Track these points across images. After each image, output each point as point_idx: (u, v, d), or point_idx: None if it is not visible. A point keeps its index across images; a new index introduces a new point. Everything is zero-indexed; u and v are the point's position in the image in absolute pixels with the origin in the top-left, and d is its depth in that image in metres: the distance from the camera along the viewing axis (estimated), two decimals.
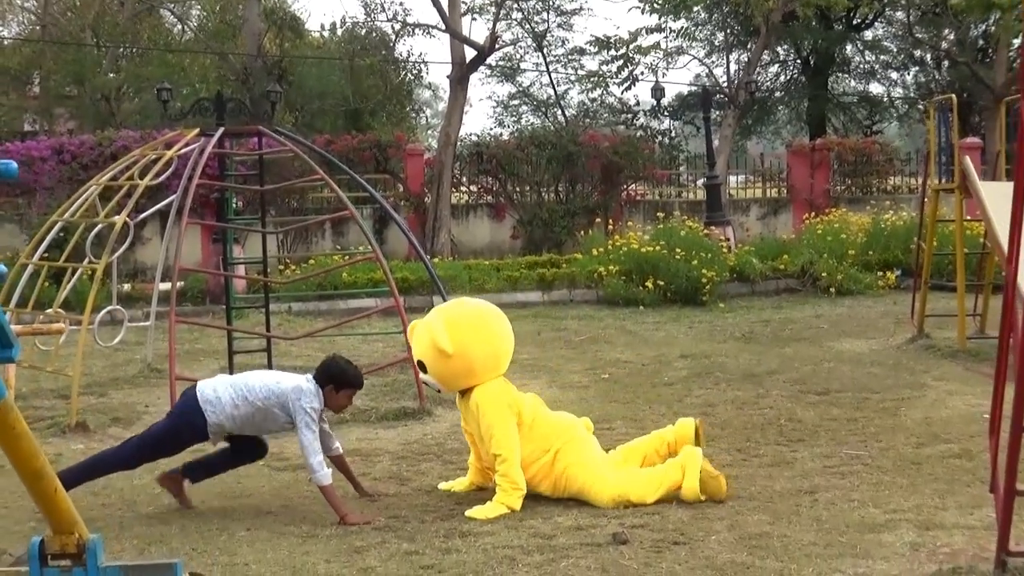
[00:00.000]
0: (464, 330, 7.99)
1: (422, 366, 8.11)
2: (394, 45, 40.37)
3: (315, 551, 6.95)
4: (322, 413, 7.90)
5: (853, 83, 44.58)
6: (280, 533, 7.35)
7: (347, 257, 19.47)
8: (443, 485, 8.43)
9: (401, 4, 57.95)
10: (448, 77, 27.55)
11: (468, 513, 7.61)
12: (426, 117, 57.42)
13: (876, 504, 7.62)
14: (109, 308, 12.57)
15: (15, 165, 3.48)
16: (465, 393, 8.08)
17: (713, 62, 41.16)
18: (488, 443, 7.84)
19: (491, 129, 40.80)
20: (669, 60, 41.04)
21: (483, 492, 8.12)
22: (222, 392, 7.86)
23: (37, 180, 23.70)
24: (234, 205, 21.57)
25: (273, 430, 7.99)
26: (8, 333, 3.57)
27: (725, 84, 35.34)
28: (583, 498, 7.84)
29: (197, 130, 12.00)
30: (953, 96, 14.16)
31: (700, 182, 30.85)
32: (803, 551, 6.67)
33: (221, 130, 11.73)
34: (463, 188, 29.07)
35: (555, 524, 7.37)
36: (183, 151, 11.91)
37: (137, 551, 7.03)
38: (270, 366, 12.47)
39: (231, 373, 12.30)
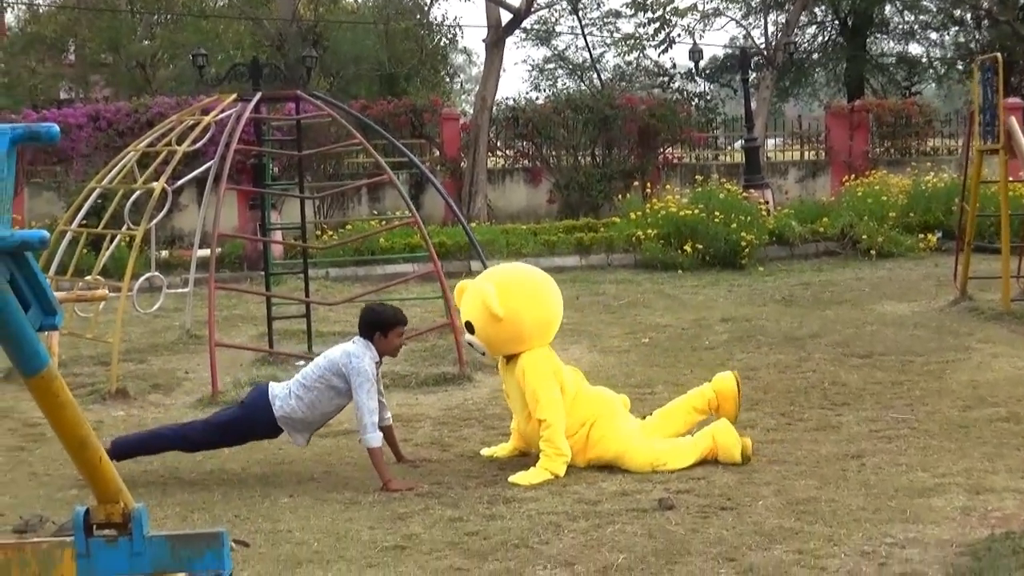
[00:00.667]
0: (516, 295, 7.92)
1: (469, 327, 8.01)
2: (429, 9, 40.23)
3: (358, 518, 6.91)
4: (379, 371, 7.85)
5: (892, 44, 44.07)
6: (323, 500, 7.31)
7: (384, 223, 19.41)
8: (485, 451, 8.38)
9: None
10: (483, 41, 27.42)
11: (511, 479, 7.55)
12: (461, 82, 57.16)
13: (924, 468, 7.52)
14: (148, 275, 12.55)
15: (57, 128, 3.41)
16: (510, 359, 8.00)
17: (750, 23, 40.86)
18: (533, 409, 7.76)
19: (527, 93, 40.57)
20: (706, 22, 40.76)
21: (526, 458, 8.05)
22: (289, 387, 7.84)
23: (74, 147, 23.72)
24: (270, 171, 21.64)
25: (345, 404, 7.91)
26: (52, 300, 3.50)
27: (763, 46, 35.04)
28: (617, 465, 7.76)
29: (234, 95, 11.92)
30: (999, 55, 13.93)
31: (738, 144, 30.62)
32: (852, 516, 6.58)
33: (258, 95, 11.67)
34: (499, 153, 28.95)
35: (600, 490, 7.30)
36: (220, 117, 11.85)
37: (180, 519, 7.00)
38: (309, 332, 12.47)
39: (270, 338, 12.31)
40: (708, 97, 38.11)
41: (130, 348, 12.94)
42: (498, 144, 28.54)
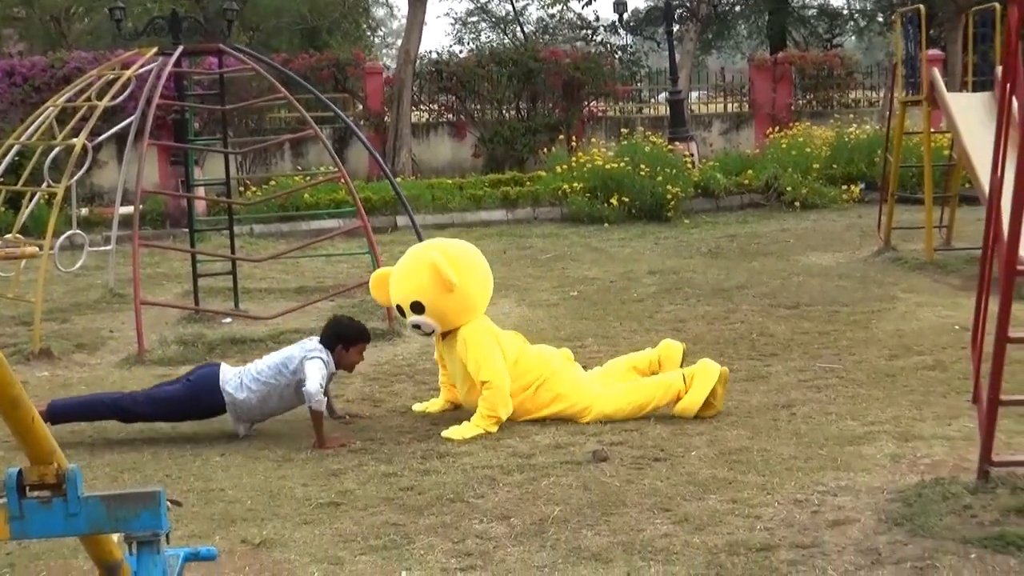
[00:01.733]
0: (462, 265, 7.90)
1: (418, 307, 7.81)
2: None
3: (291, 475, 6.86)
4: (331, 377, 7.78)
5: None
6: (254, 458, 7.25)
7: (309, 178, 19.23)
8: (417, 407, 8.34)
9: None
10: None
11: (444, 434, 7.53)
12: (383, 35, 56.76)
13: (854, 417, 7.60)
14: (69, 233, 12.35)
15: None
16: (447, 335, 7.95)
17: None
18: (476, 375, 7.71)
19: (450, 47, 40.34)
20: None
21: (458, 412, 8.05)
22: (242, 375, 7.73)
23: None
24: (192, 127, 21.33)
25: (293, 406, 7.83)
26: None
27: None
28: (569, 418, 7.77)
29: (155, 49, 11.71)
30: (921, 7, 14.02)
31: (662, 97, 30.67)
32: (784, 465, 6.64)
33: (180, 49, 11.45)
34: (423, 107, 28.73)
35: (533, 443, 7.30)
36: (141, 71, 11.64)
37: (110, 479, 6.92)
38: (236, 289, 12.34)
39: (196, 296, 12.17)
40: (632, 50, 38.10)
41: (52, 307, 12.71)
42: (422, 98, 28.32)
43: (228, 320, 11.64)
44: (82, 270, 13.57)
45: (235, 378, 7.71)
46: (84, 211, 19.52)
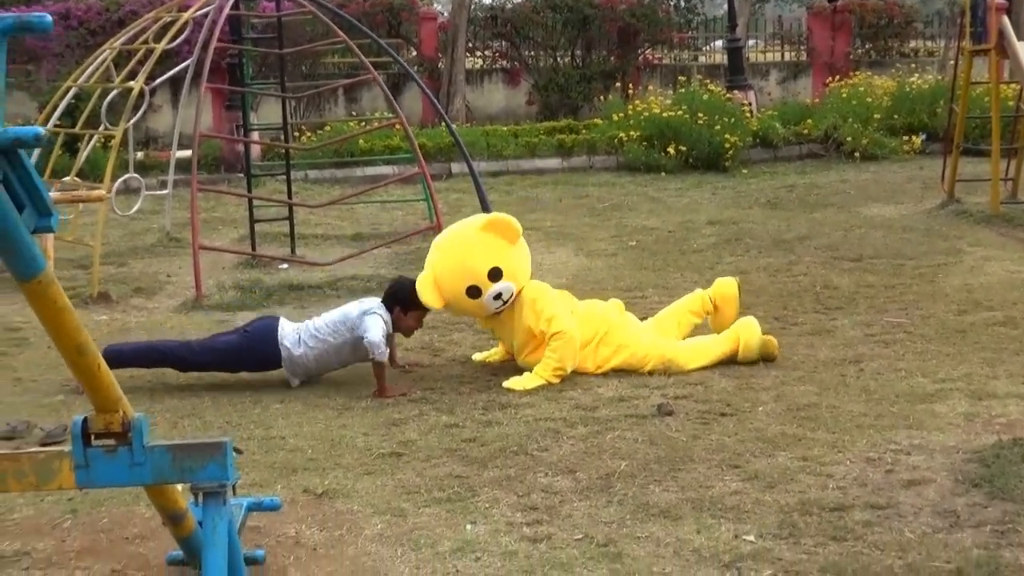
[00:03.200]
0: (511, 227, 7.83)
1: (495, 273, 7.61)
2: None
3: (352, 424, 6.79)
4: (388, 337, 7.66)
5: None
6: (315, 405, 7.19)
7: (363, 124, 19.10)
8: (477, 356, 8.24)
9: None
10: None
11: (506, 384, 7.43)
12: None
13: (924, 374, 7.43)
14: (125, 177, 12.32)
15: (50, 18, 3.19)
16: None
17: None
18: (548, 329, 7.54)
19: None
20: None
21: (517, 363, 7.93)
22: (293, 329, 7.67)
23: (45, 46, 23.20)
24: (249, 71, 21.22)
25: (349, 363, 7.76)
26: (47, 200, 3.31)
27: None
28: (630, 368, 7.65)
29: None
30: None
31: (718, 45, 30.26)
32: (854, 422, 6.49)
33: None
34: (477, 53, 28.50)
35: (596, 396, 7.19)
36: (197, 14, 11.53)
37: (170, 425, 6.87)
38: (292, 235, 12.27)
39: (252, 241, 12.12)
40: None
41: (110, 251, 12.68)
42: (476, 44, 28.10)
43: (285, 266, 11.58)
44: (139, 214, 13.55)
45: (293, 333, 7.64)
46: (140, 155, 19.52)
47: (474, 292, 7.63)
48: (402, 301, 7.67)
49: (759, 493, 5.45)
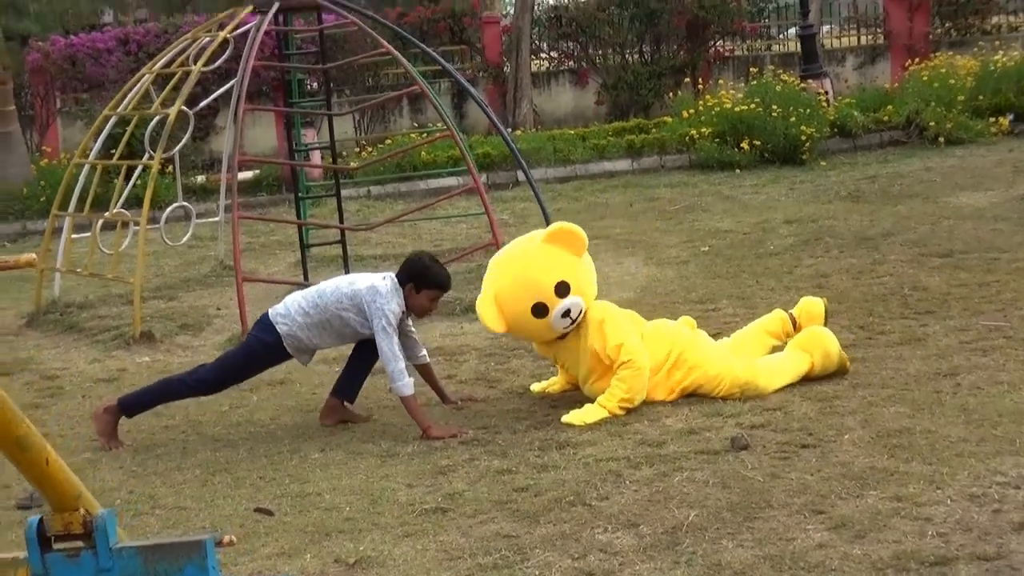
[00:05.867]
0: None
1: (562, 288, 6.99)
2: None
3: (395, 474, 6.19)
4: (405, 317, 7.11)
5: None
6: (357, 453, 6.60)
7: (424, 136, 18.55)
8: (535, 387, 7.61)
9: None
10: None
11: (565, 419, 6.80)
12: None
13: None
14: (175, 205, 11.85)
15: None
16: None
17: None
18: (615, 356, 6.91)
19: None
20: None
21: (579, 393, 7.29)
22: (291, 303, 7.18)
23: (104, 73, 22.96)
24: (308, 87, 20.75)
25: (356, 338, 7.22)
26: None
27: None
28: (703, 392, 6.98)
29: (250, 7, 11.07)
30: None
31: (791, 33, 29.37)
32: (953, 450, 5.78)
33: (276, 5, 10.78)
34: (543, 55, 27.88)
35: (664, 428, 6.53)
36: (238, 32, 11.03)
37: (200, 483, 6.32)
38: (345, 258, 11.73)
39: (304, 268, 11.62)
40: None
41: (161, 284, 12.28)
42: (542, 46, 27.47)
43: None
44: (195, 241, 13.14)
45: (284, 308, 7.14)
46: (200, 179, 19.17)
47: (540, 311, 6.97)
48: (416, 277, 7.05)
49: (847, 545, 4.76)
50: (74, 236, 11.60)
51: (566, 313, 6.98)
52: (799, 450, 5.96)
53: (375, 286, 6.99)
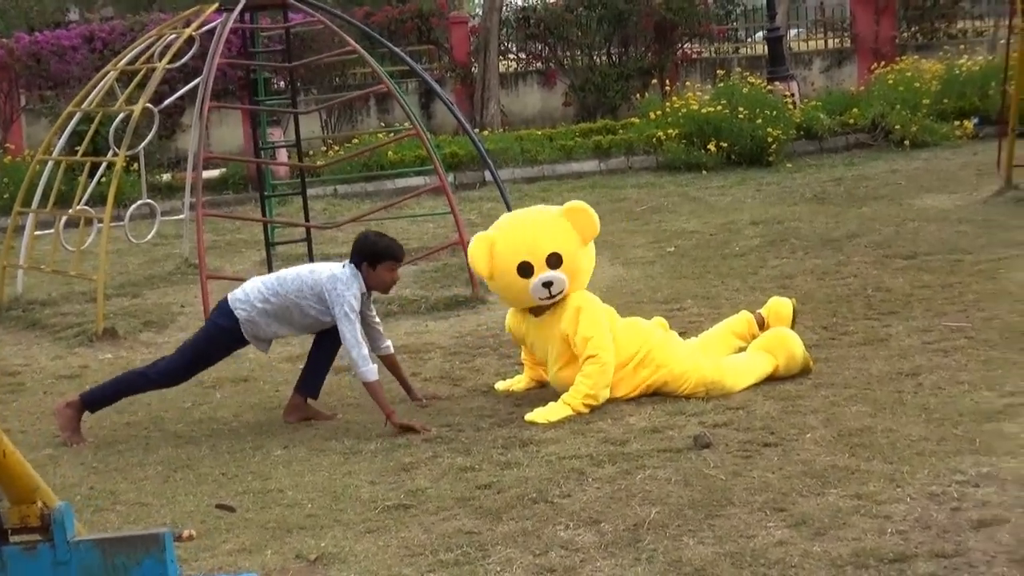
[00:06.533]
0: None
1: (554, 260, 7.03)
2: None
3: (358, 470, 6.18)
4: (370, 301, 7.16)
5: None
6: (320, 450, 6.58)
7: (391, 135, 18.51)
8: (500, 385, 7.61)
9: None
10: None
11: (528, 417, 6.80)
12: None
13: (990, 386, 6.72)
14: (139, 202, 11.79)
15: None
16: (538, 310, 7.20)
17: None
18: (582, 349, 6.93)
19: None
20: None
21: (544, 391, 7.30)
22: (251, 289, 7.17)
23: (69, 70, 22.80)
24: (275, 85, 20.66)
25: (315, 328, 7.20)
26: None
27: None
28: (668, 390, 6.99)
29: (215, 5, 11.03)
30: None
31: (758, 36, 29.44)
32: (913, 449, 5.81)
33: (241, 3, 10.74)
34: (511, 56, 27.89)
35: (627, 426, 6.54)
36: (203, 29, 10.98)
37: (162, 479, 6.30)
38: (311, 256, 11.69)
39: (270, 265, 11.57)
40: None
41: (125, 281, 12.20)
42: (510, 47, 27.48)
43: None
44: (159, 239, 13.05)
45: (243, 294, 7.13)
46: (166, 177, 19.08)
47: (526, 270, 7.02)
48: (367, 255, 7.05)
49: (807, 543, 4.78)
50: (37, 233, 11.56)
51: (547, 284, 7.00)
52: (761, 448, 5.98)
53: (335, 274, 7.00)
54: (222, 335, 7.19)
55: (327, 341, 7.20)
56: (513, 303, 7.41)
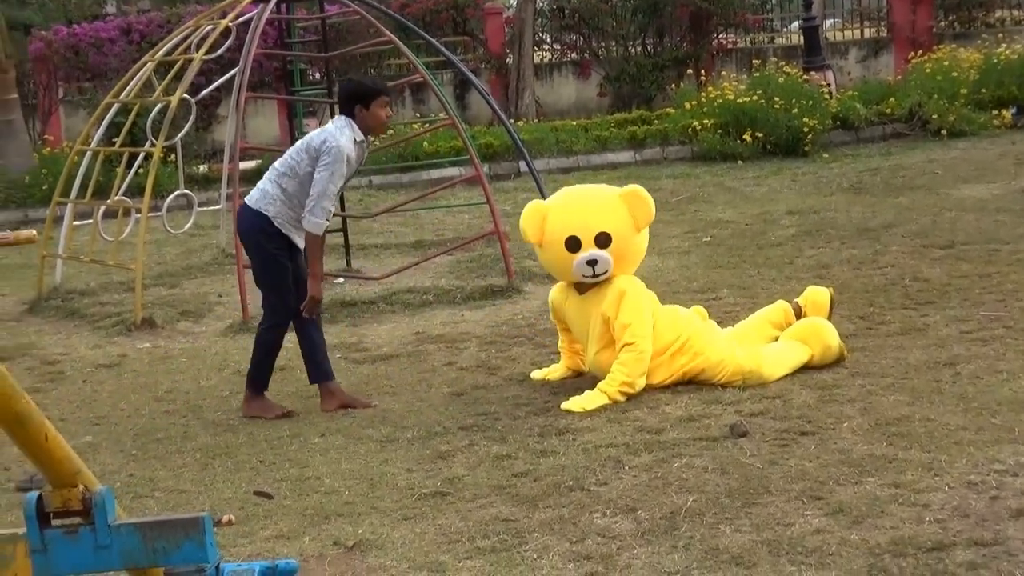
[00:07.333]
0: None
1: (603, 239, 7.02)
2: None
3: (395, 458, 6.20)
4: (365, 152, 7.20)
5: None
6: (357, 438, 6.61)
7: (426, 125, 18.53)
8: (536, 374, 7.61)
9: None
10: None
11: (564, 405, 6.80)
12: None
13: None
14: (176, 193, 11.84)
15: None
16: (585, 288, 7.19)
17: None
18: (621, 334, 6.92)
19: None
20: None
21: (580, 380, 7.31)
22: (263, 185, 7.14)
23: (107, 62, 22.95)
24: (310, 76, 20.73)
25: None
26: None
27: None
28: (704, 378, 6.99)
29: None
30: None
31: (794, 26, 29.31)
32: (952, 438, 5.78)
33: None
34: (545, 46, 27.86)
35: (663, 415, 6.54)
36: (241, 20, 11.03)
37: (200, 467, 6.34)
38: (347, 247, 11.74)
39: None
40: None
41: (162, 272, 12.28)
42: (544, 37, 27.46)
43: (340, 280, 11.04)
44: (196, 230, 13.11)
45: (258, 192, 7.11)
46: (203, 168, 19.16)
47: (573, 245, 7.02)
48: (360, 96, 7.01)
49: (845, 531, 4.77)
50: (76, 223, 11.62)
51: (592, 262, 7.00)
52: (798, 437, 5.97)
53: (325, 129, 7.05)
54: (268, 242, 7.06)
55: (306, 328, 7.22)
56: (557, 275, 7.45)
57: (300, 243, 7.13)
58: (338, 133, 6.91)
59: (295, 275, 7.17)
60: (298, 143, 7.21)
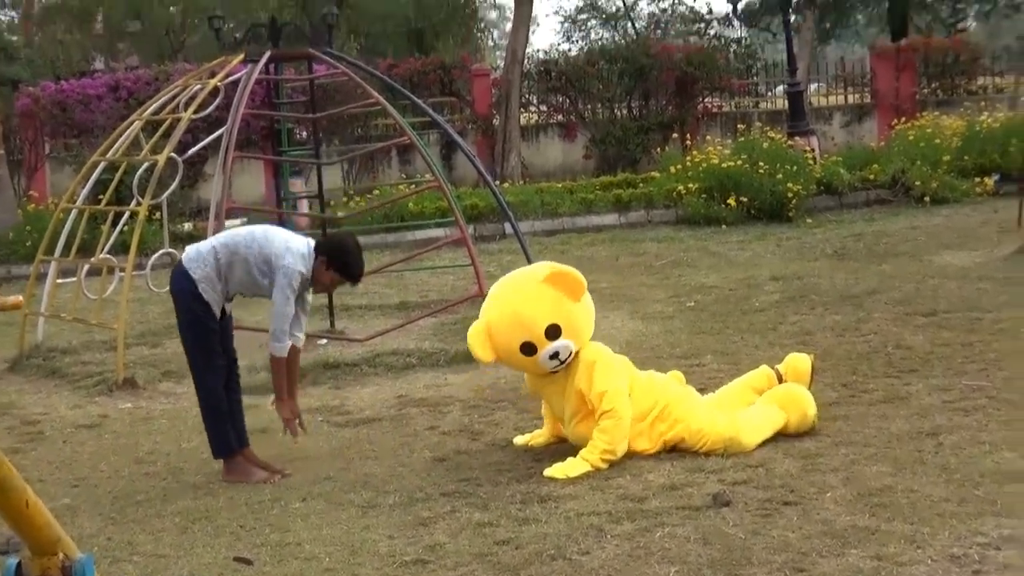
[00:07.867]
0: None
1: (553, 331, 6.96)
2: None
3: (376, 524, 6.17)
4: (308, 286, 7.16)
5: None
6: (338, 503, 6.57)
7: (412, 186, 18.59)
8: (519, 439, 7.59)
9: None
10: None
11: (547, 472, 6.77)
12: (493, 38, 56.29)
13: (1011, 447, 6.68)
14: (161, 252, 11.83)
15: None
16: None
17: None
18: (598, 403, 6.92)
19: (559, 45, 39.66)
20: None
21: (564, 445, 7.28)
22: (203, 246, 7.18)
23: (94, 119, 23.01)
24: (297, 136, 20.78)
25: (244, 290, 7.22)
26: None
27: None
28: (686, 446, 6.98)
29: (241, 56, 11.12)
30: None
31: (779, 91, 29.56)
32: (934, 509, 5.77)
33: (267, 54, 10.84)
34: (532, 108, 28.03)
35: (646, 483, 6.52)
36: (229, 80, 11.07)
37: (179, 530, 6.29)
38: (331, 308, 11.72)
39: None
40: (746, 43, 36.97)
41: (145, 331, 12.24)
42: (531, 99, 27.63)
43: (323, 342, 11.01)
44: None
45: (194, 251, 7.13)
46: (188, 226, 19.16)
47: (529, 349, 6.98)
48: (334, 255, 7.07)
49: None
50: (59, 281, 11.59)
51: (554, 355, 6.98)
52: (781, 507, 5.95)
53: (289, 246, 7.02)
54: (190, 300, 7.08)
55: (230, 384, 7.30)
56: (529, 374, 7.42)
57: (214, 308, 7.16)
58: (297, 260, 6.96)
59: (222, 339, 7.29)
60: (256, 230, 7.20)
